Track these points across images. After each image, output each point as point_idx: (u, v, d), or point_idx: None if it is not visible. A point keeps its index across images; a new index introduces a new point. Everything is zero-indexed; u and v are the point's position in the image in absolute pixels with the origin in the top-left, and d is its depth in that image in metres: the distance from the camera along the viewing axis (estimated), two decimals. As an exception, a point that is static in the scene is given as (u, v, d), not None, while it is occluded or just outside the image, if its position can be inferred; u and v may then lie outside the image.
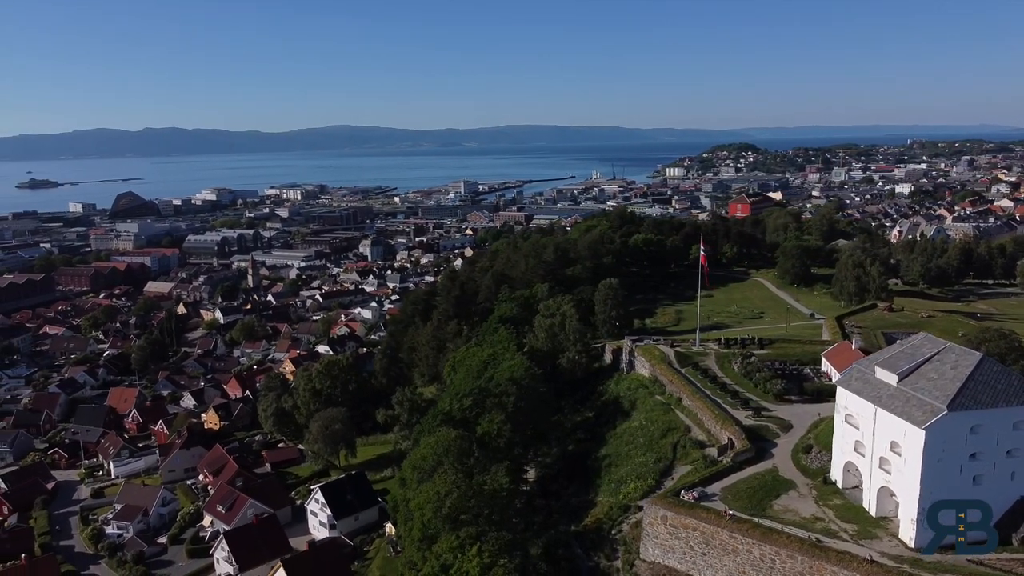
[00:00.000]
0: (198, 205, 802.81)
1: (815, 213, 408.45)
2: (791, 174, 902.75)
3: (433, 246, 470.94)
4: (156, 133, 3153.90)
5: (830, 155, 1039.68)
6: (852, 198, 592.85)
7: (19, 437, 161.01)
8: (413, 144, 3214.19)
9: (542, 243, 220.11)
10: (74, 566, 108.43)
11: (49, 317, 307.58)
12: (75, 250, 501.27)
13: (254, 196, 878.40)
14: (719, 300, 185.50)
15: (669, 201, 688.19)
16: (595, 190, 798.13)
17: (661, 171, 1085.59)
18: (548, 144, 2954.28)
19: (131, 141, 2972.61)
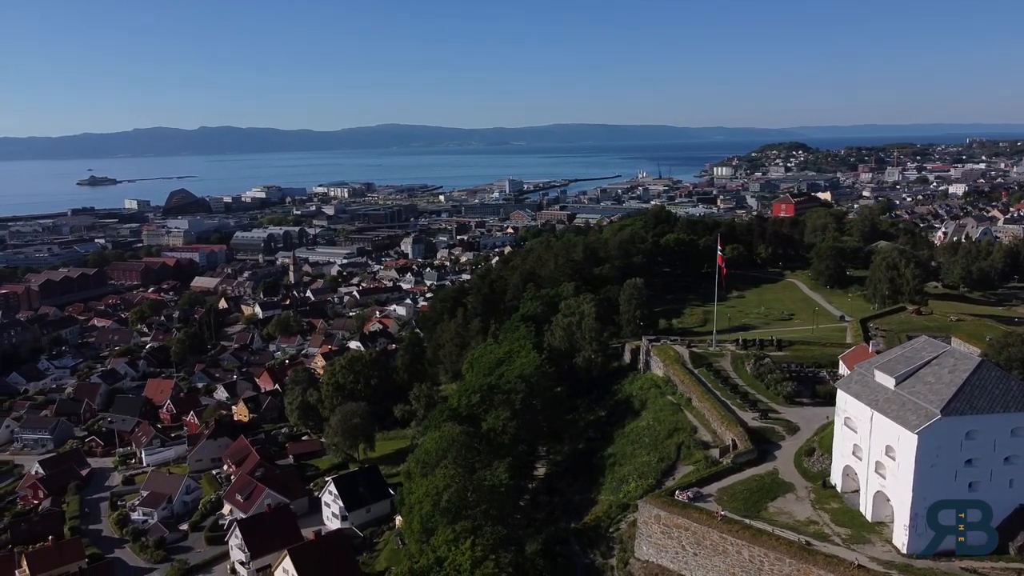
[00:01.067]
0: (248, 202, 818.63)
1: (858, 213, 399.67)
2: (842, 174, 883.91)
3: (474, 244, 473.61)
4: (211, 132, 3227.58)
5: (884, 154, 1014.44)
6: (903, 199, 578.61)
7: (59, 425, 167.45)
8: (461, 143, 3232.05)
9: (572, 242, 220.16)
10: (99, 549, 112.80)
11: (99, 310, 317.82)
12: (128, 245, 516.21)
13: (302, 194, 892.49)
14: (750, 301, 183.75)
15: (714, 201, 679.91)
16: (639, 189, 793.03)
17: (709, 170, 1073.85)
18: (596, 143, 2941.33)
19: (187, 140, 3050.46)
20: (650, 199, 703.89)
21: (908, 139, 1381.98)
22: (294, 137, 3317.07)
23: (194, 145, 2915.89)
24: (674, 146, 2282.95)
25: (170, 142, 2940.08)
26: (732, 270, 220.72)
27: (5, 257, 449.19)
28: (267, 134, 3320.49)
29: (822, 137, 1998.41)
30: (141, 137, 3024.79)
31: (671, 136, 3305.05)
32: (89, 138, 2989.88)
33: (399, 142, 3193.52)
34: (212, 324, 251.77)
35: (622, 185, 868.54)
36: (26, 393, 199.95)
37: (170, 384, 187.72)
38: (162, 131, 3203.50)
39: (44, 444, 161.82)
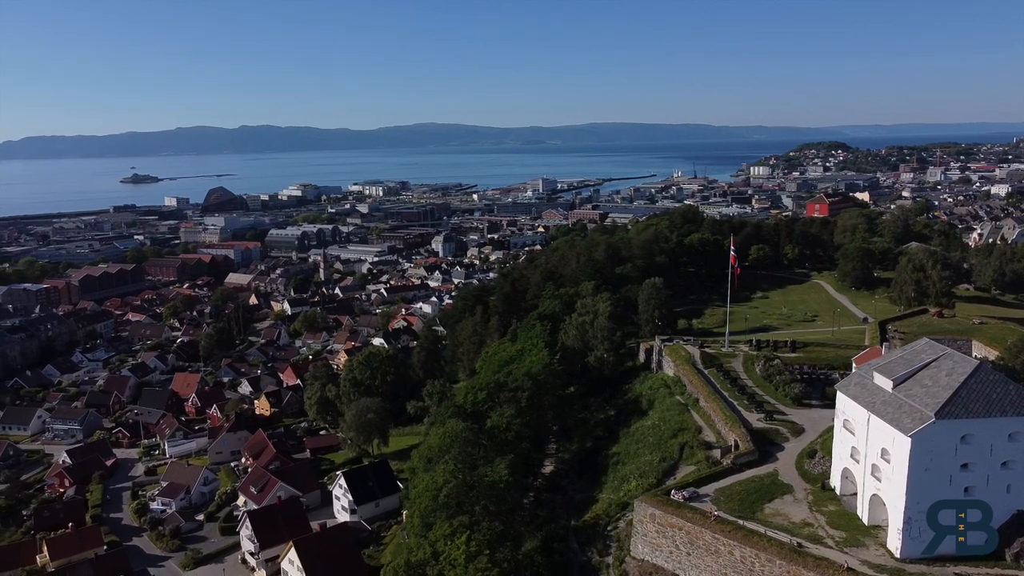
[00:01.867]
0: (284, 200, 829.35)
1: (892, 214, 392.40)
2: (883, 174, 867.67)
3: (504, 243, 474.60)
4: (251, 131, 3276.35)
5: (926, 154, 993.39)
6: (943, 199, 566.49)
7: (89, 416, 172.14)
8: (497, 142, 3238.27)
9: (595, 241, 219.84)
10: (118, 537, 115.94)
11: (135, 305, 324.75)
12: (165, 242, 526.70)
13: (338, 192, 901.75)
14: (774, 302, 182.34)
15: (749, 200, 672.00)
16: (673, 189, 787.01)
17: (745, 170, 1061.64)
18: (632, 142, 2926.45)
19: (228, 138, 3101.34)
20: (684, 199, 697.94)
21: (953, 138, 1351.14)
22: (332, 136, 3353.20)
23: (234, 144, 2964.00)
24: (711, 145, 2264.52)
25: (211, 141, 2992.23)
26: (757, 270, 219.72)
27: (48, 253, 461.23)
28: (306, 133, 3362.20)
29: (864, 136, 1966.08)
30: (183, 136, 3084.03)
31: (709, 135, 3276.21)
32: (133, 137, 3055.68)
33: (435, 141, 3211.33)
34: (240, 320, 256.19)
35: (656, 185, 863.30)
36: (59, 385, 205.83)
37: (196, 378, 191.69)
38: (204, 130, 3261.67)
39: (74, 434, 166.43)
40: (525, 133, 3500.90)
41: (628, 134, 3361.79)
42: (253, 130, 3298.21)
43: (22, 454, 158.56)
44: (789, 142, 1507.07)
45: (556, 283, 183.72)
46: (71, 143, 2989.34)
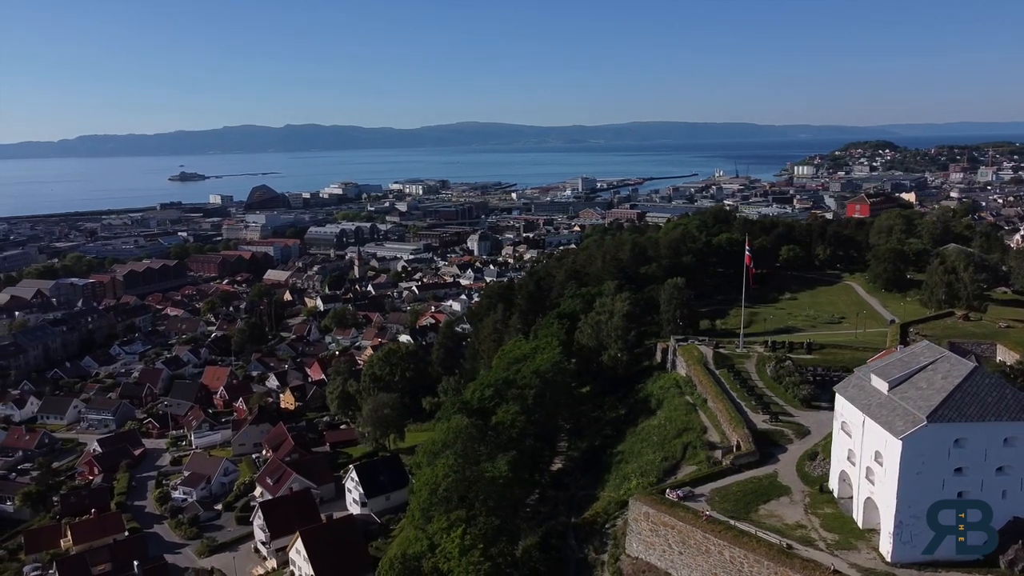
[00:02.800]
0: (325, 198, 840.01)
1: (933, 214, 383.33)
2: (931, 174, 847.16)
3: (539, 242, 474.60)
4: (296, 129, 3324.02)
5: (977, 153, 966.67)
6: (992, 200, 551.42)
7: (121, 407, 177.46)
8: (539, 140, 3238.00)
9: (621, 241, 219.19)
10: (139, 524, 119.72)
11: (176, 300, 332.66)
12: (208, 239, 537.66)
13: (378, 190, 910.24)
14: (802, 303, 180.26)
15: (790, 200, 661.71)
16: (713, 188, 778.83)
17: (789, 169, 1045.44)
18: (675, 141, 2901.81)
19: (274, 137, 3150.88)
20: (723, 198, 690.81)
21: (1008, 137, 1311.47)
22: (376, 135, 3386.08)
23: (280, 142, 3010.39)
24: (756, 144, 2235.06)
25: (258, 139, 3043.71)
26: (787, 271, 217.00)
27: (95, 248, 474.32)
28: (350, 132, 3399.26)
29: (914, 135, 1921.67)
30: (230, 135, 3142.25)
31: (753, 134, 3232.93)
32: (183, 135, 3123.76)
33: (478, 140, 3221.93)
34: (272, 315, 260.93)
35: (696, 184, 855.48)
36: (97, 376, 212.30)
37: (226, 371, 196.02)
38: (250, 129, 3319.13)
39: (107, 424, 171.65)
40: (567, 132, 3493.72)
41: (671, 133, 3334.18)
42: (298, 129, 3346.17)
43: (57, 442, 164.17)
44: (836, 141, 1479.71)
45: (580, 282, 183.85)
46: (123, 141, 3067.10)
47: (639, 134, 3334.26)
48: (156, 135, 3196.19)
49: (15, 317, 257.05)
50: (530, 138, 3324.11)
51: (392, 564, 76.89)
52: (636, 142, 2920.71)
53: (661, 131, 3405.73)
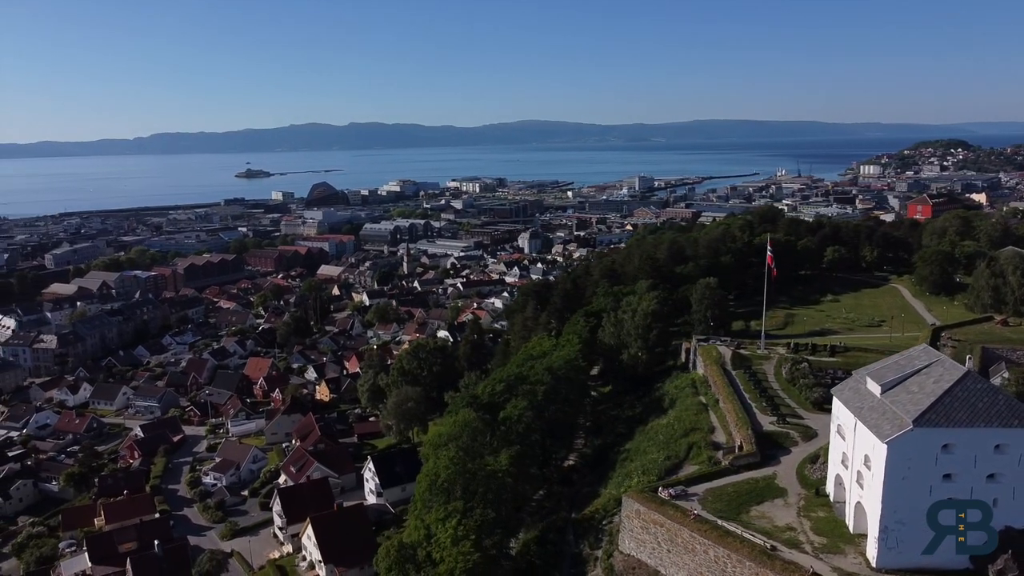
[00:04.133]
0: (383, 195, 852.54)
1: (993, 216, 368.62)
2: (1006, 174, 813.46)
3: (590, 240, 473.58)
4: (359, 128, 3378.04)
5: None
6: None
7: (166, 395, 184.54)
8: (600, 139, 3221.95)
9: (659, 240, 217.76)
10: (170, 506, 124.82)
11: (231, 293, 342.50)
12: (267, 234, 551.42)
13: (435, 188, 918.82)
14: (844, 305, 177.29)
15: (852, 201, 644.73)
16: (773, 188, 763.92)
17: (854, 169, 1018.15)
18: (739, 139, 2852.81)
19: (338, 135, 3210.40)
20: (782, 198, 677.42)
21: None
22: (437, 133, 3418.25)
23: (344, 140, 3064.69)
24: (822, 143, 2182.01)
25: (322, 138, 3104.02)
26: (832, 273, 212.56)
27: (159, 242, 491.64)
28: (412, 130, 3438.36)
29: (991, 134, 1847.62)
30: (296, 133, 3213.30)
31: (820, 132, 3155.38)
32: (251, 133, 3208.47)
33: (538, 138, 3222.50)
34: (318, 309, 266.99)
35: (755, 183, 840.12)
36: (148, 365, 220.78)
37: (268, 363, 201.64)
38: (315, 127, 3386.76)
39: (152, 411, 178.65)
40: (628, 130, 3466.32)
41: (735, 131, 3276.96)
42: (362, 127, 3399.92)
43: (105, 427, 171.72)
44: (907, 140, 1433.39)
45: (615, 281, 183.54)
46: (194, 139, 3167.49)
47: (702, 132, 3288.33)
48: (226, 133, 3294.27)
49: (76, 307, 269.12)
50: (591, 136, 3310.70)
51: (388, 551, 78.83)
52: (699, 140, 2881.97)
53: (725, 129, 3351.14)
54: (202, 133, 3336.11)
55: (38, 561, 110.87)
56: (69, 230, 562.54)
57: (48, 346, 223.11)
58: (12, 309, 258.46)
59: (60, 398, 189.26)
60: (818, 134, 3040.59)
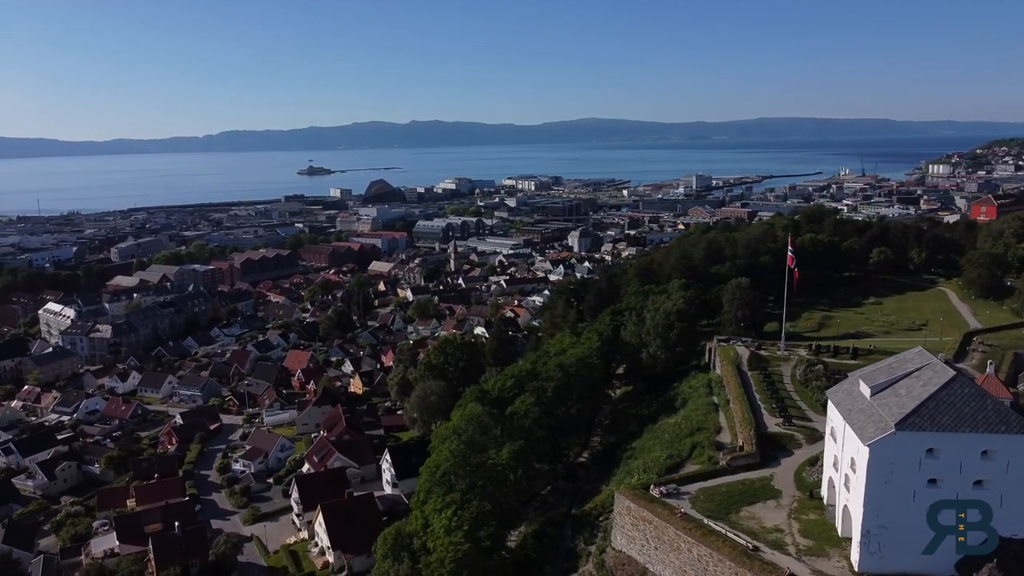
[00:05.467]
0: (439, 193, 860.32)
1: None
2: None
3: (640, 239, 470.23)
4: (420, 126, 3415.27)
5: None
6: None
7: (208, 384, 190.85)
8: (660, 137, 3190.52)
9: (696, 239, 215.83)
10: (199, 491, 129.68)
11: (284, 288, 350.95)
12: (322, 230, 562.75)
13: (491, 186, 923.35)
14: (887, 308, 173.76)
15: (916, 201, 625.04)
16: (833, 187, 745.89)
17: (923, 168, 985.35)
18: (804, 138, 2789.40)
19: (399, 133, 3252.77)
20: (843, 198, 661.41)
21: None
22: (497, 131, 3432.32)
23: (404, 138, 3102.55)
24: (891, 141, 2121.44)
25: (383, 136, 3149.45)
26: (877, 275, 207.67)
27: (218, 237, 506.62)
28: (472, 128, 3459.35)
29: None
30: (358, 131, 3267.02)
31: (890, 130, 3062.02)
32: (314, 131, 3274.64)
33: (597, 136, 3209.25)
34: (361, 304, 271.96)
35: (816, 183, 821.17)
36: (195, 355, 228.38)
37: (307, 355, 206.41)
38: (377, 125, 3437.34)
39: (195, 400, 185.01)
40: (689, 128, 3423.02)
41: (800, 129, 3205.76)
42: (423, 125, 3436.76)
43: (149, 414, 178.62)
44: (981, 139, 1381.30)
45: (649, 280, 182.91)
46: (260, 137, 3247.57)
47: (766, 130, 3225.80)
48: (291, 131, 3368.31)
49: (133, 298, 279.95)
50: (651, 134, 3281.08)
51: (385, 538, 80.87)
52: (762, 139, 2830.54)
53: (789, 127, 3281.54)
54: (268, 131, 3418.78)
55: (73, 538, 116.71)
56: (135, 225, 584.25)
57: (103, 335, 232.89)
58: (73, 300, 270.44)
59: (110, 385, 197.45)
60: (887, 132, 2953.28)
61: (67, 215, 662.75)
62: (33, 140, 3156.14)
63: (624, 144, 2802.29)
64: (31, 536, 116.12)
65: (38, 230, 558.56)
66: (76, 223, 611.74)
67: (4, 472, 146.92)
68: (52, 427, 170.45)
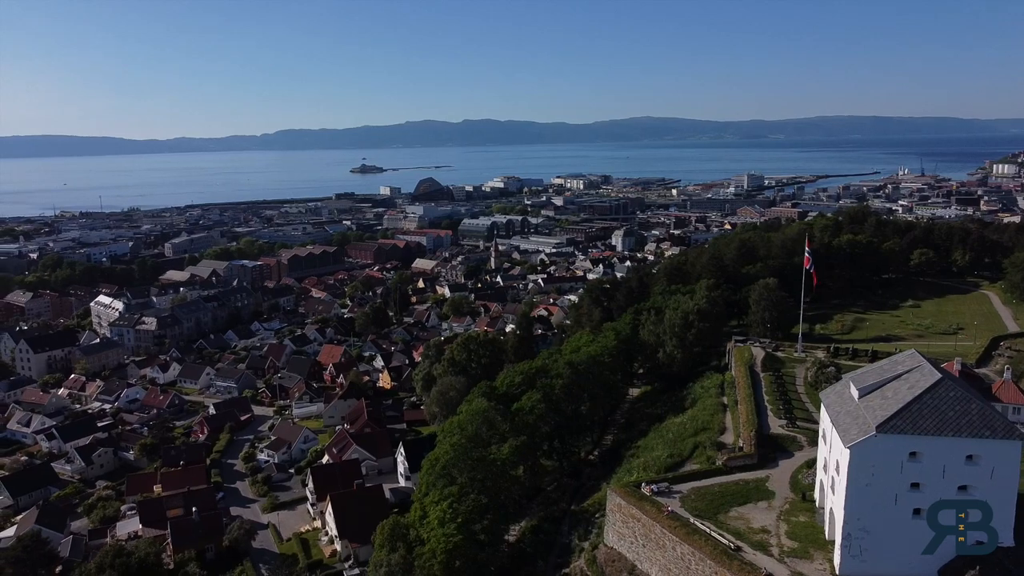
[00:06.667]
0: (487, 191, 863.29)
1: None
2: None
3: (684, 239, 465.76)
4: (473, 125, 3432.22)
5: None
6: None
7: (244, 376, 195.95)
8: (715, 135, 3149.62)
9: (730, 239, 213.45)
10: (223, 479, 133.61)
11: (328, 284, 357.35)
12: (369, 227, 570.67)
13: (539, 184, 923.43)
14: (925, 312, 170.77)
15: (976, 202, 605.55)
16: (889, 188, 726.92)
17: (986, 167, 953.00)
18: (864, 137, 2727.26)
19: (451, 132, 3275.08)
20: (899, 198, 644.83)
21: None
22: (549, 129, 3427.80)
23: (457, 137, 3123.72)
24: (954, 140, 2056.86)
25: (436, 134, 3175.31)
26: (918, 277, 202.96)
27: (268, 234, 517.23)
28: (524, 127, 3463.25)
29: None
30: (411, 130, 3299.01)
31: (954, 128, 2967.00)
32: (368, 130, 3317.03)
33: (651, 135, 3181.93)
34: (398, 301, 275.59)
35: (871, 183, 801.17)
36: (234, 348, 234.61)
37: (340, 350, 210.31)
38: (430, 124, 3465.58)
39: (230, 391, 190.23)
40: (745, 127, 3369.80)
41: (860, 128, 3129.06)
42: (475, 124, 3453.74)
43: (185, 404, 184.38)
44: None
45: (678, 280, 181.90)
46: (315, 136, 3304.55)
47: (825, 129, 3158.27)
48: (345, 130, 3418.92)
49: (179, 292, 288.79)
50: (705, 133, 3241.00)
51: (383, 528, 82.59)
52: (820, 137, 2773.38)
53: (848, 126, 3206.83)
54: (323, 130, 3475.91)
55: (102, 520, 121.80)
56: (190, 221, 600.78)
57: (149, 328, 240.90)
58: (123, 293, 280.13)
59: (152, 376, 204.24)
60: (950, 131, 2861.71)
61: (127, 211, 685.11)
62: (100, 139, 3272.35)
63: (677, 143, 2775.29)
64: (63, 517, 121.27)
65: (98, 225, 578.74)
66: (135, 219, 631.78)
67: (45, 456, 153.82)
68: (94, 415, 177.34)
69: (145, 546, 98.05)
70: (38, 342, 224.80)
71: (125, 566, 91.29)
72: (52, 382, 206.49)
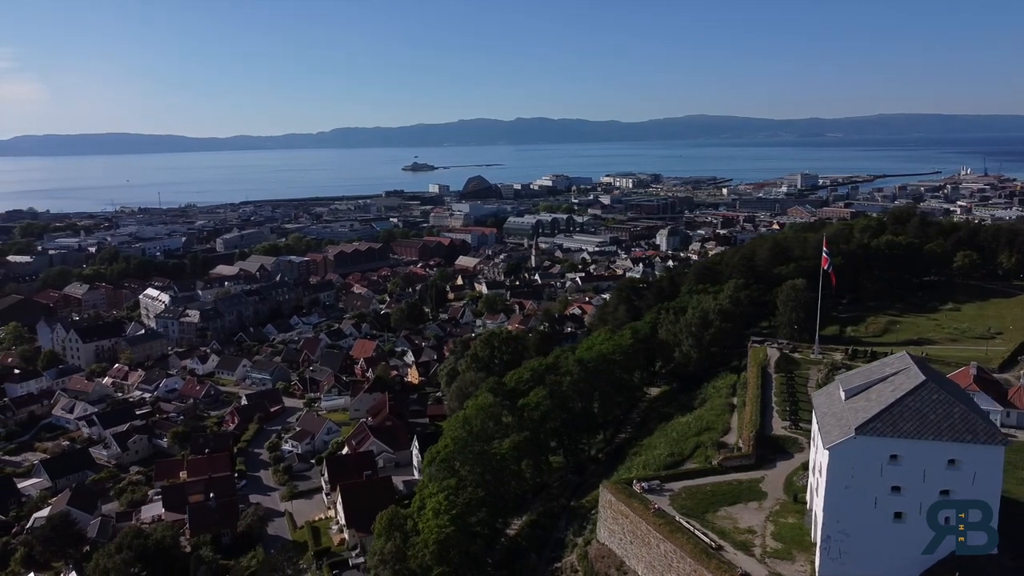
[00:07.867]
0: (535, 189, 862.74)
1: None
2: None
3: (730, 239, 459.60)
4: (525, 123, 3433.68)
5: None
6: None
7: (278, 369, 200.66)
8: (771, 134, 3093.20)
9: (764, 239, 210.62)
10: (247, 467, 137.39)
11: (371, 280, 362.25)
12: (415, 225, 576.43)
13: (587, 183, 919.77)
14: (965, 315, 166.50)
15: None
16: (948, 188, 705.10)
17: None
18: (928, 135, 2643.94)
19: (504, 130, 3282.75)
20: (958, 199, 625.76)
21: None
22: (601, 128, 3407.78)
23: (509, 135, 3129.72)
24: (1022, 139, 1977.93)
25: (488, 132, 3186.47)
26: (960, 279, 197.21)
27: (316, 230, 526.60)
28: (576, 125, 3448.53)
29: None
30: (464, 128, 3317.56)
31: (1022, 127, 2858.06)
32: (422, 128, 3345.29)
33: (705, 133, 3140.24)
34: (434, 297, 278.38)
35: (928, 183, 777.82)
36: (272, 342, 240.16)
37: (372, 345, 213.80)
38: (483, 122, 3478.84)
39: (264, 383, 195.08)
40: (802, 126, 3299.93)
41: (923, 126, 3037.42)
42: (528, 122, 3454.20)
43: (221, 394, 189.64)
44: None
45: (709, 279, 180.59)
46: (370, 134, 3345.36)
47: (886, 127, 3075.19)
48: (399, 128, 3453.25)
49: (224, 286, 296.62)
50: (761, 132, 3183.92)
51: (382, 518, 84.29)
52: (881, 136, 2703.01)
53: (910, 124, 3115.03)
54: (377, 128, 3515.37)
55: (130, 504, 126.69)
56: (242, 217, 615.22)
57: (192, 320, 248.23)
58: (169, 286, 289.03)
59: (191, 367, 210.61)
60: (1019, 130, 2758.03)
61: (183, 207, 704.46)
62: (163, 137, 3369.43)
63: (732, 141, 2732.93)
64: (94, 500, 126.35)
65: (155, 221, 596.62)
66: (190, 215, 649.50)
67: (85, 442, 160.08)
68: (134, 403, 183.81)
69: (162, 530, 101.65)
70: (87, 332, 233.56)
71: (142, 548, 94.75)
72: (98, 371, 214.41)
